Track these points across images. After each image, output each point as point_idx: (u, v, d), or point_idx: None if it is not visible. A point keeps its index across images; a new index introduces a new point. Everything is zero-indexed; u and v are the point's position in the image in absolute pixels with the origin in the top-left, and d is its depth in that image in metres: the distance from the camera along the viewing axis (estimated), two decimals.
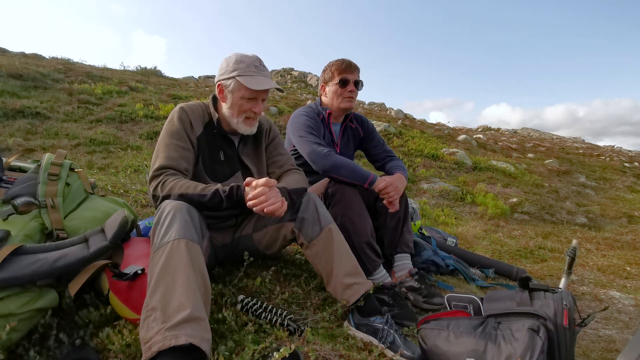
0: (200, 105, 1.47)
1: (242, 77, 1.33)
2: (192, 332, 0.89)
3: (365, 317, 1.28)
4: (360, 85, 1.98)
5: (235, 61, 1.36)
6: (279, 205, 1.17)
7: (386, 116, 10.38)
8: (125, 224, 1.20)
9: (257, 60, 1.38)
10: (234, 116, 1.40)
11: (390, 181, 1.71)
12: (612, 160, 10.08)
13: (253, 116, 1.41)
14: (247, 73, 1.34)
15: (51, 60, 9.12)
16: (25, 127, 4.53)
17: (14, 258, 0.99)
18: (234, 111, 1.39)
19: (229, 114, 1.40)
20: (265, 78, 1.38)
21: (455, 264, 2.20)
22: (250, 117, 1.41)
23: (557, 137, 17.42)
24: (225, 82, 1.37)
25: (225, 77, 1.37)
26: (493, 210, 4.55)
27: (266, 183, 1.17)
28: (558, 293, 1.12)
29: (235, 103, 1.38)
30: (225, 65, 1.38)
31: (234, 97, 1.37)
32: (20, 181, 1.32)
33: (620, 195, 6.45)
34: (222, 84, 1.39)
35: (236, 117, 1.40)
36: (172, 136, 1.35)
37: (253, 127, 1.44)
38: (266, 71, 1.41)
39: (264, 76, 1.38)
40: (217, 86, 1.40)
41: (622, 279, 2.70)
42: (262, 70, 1.39)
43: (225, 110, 1.41)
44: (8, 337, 0.90)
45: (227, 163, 1.47)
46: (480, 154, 7.84)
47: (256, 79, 1.34)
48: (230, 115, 1.40)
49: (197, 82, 11.88)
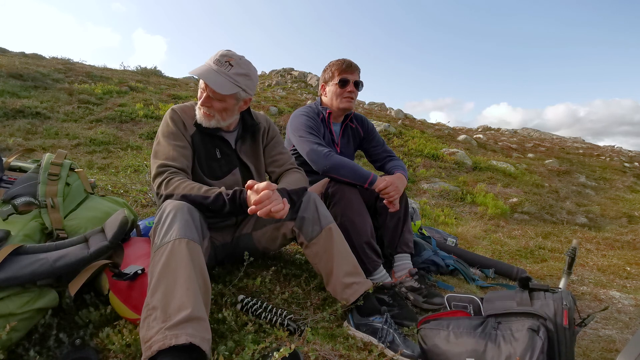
0: (192, 105, 1.46)
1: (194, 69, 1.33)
2: (193, 332, 0.89)
3: (365, 316, 1.28)
4: (360, 86, 1.98)
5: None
6: (281, 207, 1.17)
7: (386, 116, 10.38)
8: (125, 223, 1.20)
9: (223, 56, 1.32)
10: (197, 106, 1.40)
11: (391, 181, 1.71)
12: (612, 160, 10.07)
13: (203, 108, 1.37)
14: (205, 63, 1.34)
15: (51, 60, 9.12)
16: (25, 127, 4.53)
17: (14, 258, 0.99)
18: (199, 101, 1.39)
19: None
20: (209, 69, 1.30)
21: (455, 264, 2.20)
22: (202, 108, 1.37)
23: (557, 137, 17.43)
24: None
25: None
26: (493, 210, 4.56)
27: (267, 186, 1.17)
28: (558, 293, 1.12)
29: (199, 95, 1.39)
30: None
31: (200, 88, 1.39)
32: (20, 181, 1.32)
33: (620, 195, 6.44)
34: None
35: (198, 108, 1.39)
36: (168, 137, 1.35)
37: (205, 120, 1.38)
38: (227, 69, 1.31)
39: (215, 70, 1.30)
40: None
41: (622, 279, 2.70)
42: (221, 64, 1.31)
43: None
44: (8, 337, 0.91)
45: (224, 160, 1.47)
46: (480, 154, 7.84)
47: (200, 67, 1.32)
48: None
49: (197, 82, 11.87)
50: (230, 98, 1.36)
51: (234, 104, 1.38)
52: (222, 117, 1.39)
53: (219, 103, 1.35)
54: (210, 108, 1.36)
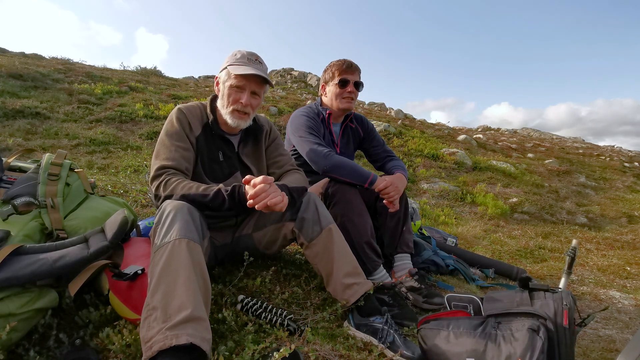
0: (198, 106, 1.47)
1: (232, 66, 1.37)
2: (193, 332, 0.89)
3: (365, 317, 1.28)
4: (360, 86, 1.98)
5: (232, 54, 1.41)
6: (280, 199, 1.17)
7: (386, 116, 10.38)
8: (125, 224, 1.20)
9: (252, 55, 1.41)
10: (224, 107, 1.41)
11: (391, 181, 1.71)
12: (612, 160, 10.07)
13: (241, 108, 1.39)
14: (238, 63, 1.37)
15: (51, 60, 9.12)
16: (25, 127, 4.53)
17: (14, 258, 0.99)
18: (224, 101, 1.41)
19: (221, 105, 1.43)
20: (254, 69, 1.36)
21: (455, 264, 2.20)
22: (238, 109, 1.39)
23: (556, 137, 17.43)
24: (220, 75, 1.42)
25: (220, 69, 1.42)
26: (493, 210, 4.56)
27: (264, 180, 1.17)
28: (558, 293, 1.12)
29: (225, 93, 1.40)
30: (224, 61, 1.42)
31: (224, 87, 1.40)
32: (20, 181, 1.32)
33: (620, 195, 6.44)
34: (218, 76, 1.44)
35: (225, 108, 1.41)
36: (171, 137, 1.36)
37: (242, 121, 1.41)
38: (260, 66, 1.41)
39: (256, 68, 1.37)
40: (215, 80, 1.45)
41: (622, 279, 2.70)
42: (256, 63, 1.39)
43: (219, 103, 1.44)
44: (8, 337, 0.90)
45: (226, 163, 1.48)
46: (480, 154, 7.84)
47: (244, 67, 1.36)
48: (221, 107, 1.42)
49: (197, 82, 11.88)
50: (263, 94, 1.44)
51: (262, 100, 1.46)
52: (253, 114, 1.46)
53: (256, 100, 1.42)
54: (249, 106, 1.39)
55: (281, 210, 1.18)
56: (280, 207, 1.17)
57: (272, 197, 1.15)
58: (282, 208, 1.18)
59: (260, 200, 1.15)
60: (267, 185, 1.17)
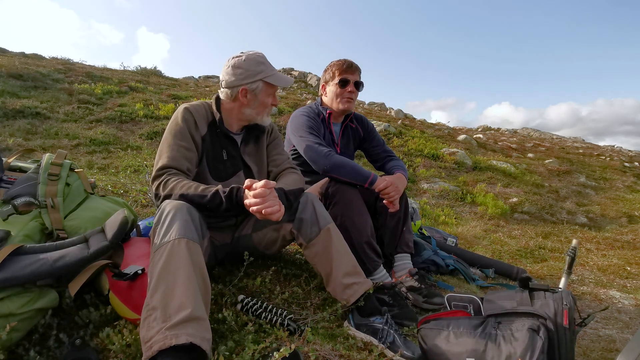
0: (203, 105, 1.47)
1: (269, 77, 1.43)
2: (193, 332, 0.89)
3: (365, 317, 1.28)
4: (360, 86, 1.98)
5: (255, 63, 1.41)
6: (276, 209, 1.16)
7: (386, 116, 10.38)
8: (125, 224, 1.20)
9: (265, 58, 1.46)
10: (260, 114, 1.48)
11: (391, 181, 1.71)
12: (612, 160, 10.07)
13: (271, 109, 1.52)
14: (270, 73, 1.44)
15: (51, 60, 9.12)
16: (25, 127, 4.54)
17: (14, 258, 0.99)
18: (260, 109, 1.47)
19: (255, 113, 1.47)
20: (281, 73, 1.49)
21: (455, 264, 2.20)
22: (270, 109, 1.52)
23: (557, 137, 17.42)
24: (251, 86, 1.41)
25: (249, 80, 1.41)
26: (493, 210, 4.56)
27: (265, 185, 1.16)
28: (558, 293, 1.13)
29: (261, 102, 1.45)
30: (245, 70, 1.40)
31: (261, 97, 1.44)
32: (20, 181, 1.32)
33: (620, 195, 6.44)
34: (247, 87, 1.41)
35: (261, 114, 1.48)
36: (175, 136, 1.35)
37: (268, 118, 1.55)
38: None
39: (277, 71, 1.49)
40: (241, 90, 1.41)
41: (622, 279, 2.70)
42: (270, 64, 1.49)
43: (249, 111, 1.46)
44: (8, 337, 0.90)
45: (230, 162, 1.48)
46: (480, 153, 7.84)
47: (278, 76, 1.46)
48: (255, 114, 1.47)
49: (197, 82, 11.88)
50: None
51: None
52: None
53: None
54: (276, 104, 1.53)
55: (277, 220, 1.18)
56: (277, 217, 1.17)
57: (268, 207, 1.15)
58: (278, 218, 1.17)
59: (257, 205, 1.15)
60: (267, 190, 1.16)
